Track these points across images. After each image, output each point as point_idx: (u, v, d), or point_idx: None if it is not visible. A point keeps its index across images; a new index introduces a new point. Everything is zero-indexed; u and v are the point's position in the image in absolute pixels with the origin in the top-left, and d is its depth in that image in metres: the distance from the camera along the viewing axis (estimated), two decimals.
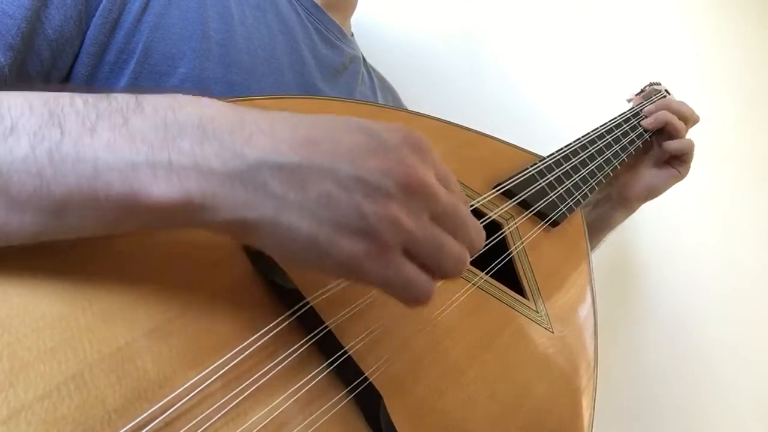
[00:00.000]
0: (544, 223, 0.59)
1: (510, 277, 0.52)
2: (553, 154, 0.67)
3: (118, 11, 0.46)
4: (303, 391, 0.33)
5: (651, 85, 0.92)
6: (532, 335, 0.50)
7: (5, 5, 0.40)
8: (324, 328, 0.35)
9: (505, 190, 0.58)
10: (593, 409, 0.49)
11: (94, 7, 0.45)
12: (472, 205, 0.52)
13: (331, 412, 0.34)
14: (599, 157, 0.72)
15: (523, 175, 0.60)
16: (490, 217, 0.54)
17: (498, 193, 0.57)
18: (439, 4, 1.04)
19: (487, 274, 0.49)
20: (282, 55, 0.57)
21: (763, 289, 1.25)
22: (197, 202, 0.28)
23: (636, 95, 0.92)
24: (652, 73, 0.97)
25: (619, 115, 0.81)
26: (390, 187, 0.30)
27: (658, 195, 0.82)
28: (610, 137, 0.75)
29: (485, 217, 0.53)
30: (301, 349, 0.34)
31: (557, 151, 0.68)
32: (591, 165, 0.69)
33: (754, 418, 1.16)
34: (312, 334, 0.35)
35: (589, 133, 0.74)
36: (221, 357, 0.31)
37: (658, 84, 0.91)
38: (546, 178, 0.62)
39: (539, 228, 0.59)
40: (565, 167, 0.66)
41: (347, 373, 0.35)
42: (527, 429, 0.44)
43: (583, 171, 0.68)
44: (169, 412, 0.28)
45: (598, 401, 0.50)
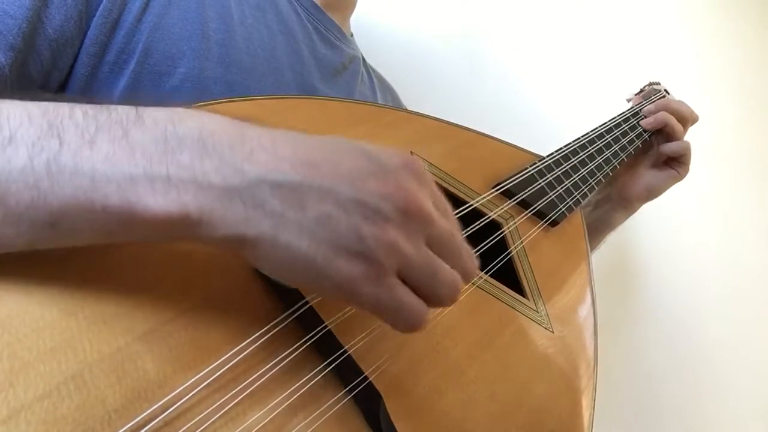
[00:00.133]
0: (544, 223, 0.59)
1: (510, 277, 0.52)
2: (552, 153, 0.67)
3: (118, 11, 0.46)
4: (303, 390, 0.33)
5: (650, 84, 0.92)
6: (532, 335, 0.50)
7: (6, 5, 0.40)
8: (323, 328, 0.35)
9: (504, 189, 0.58)
10: (593, 409, 0.49)
11: (95, 7, 0.45)
12: (471, 205, 0.52)
13: (331, 411, 0.34)
14: (599, 156, 0.72)
15: (522, 175, 0.60)
16: (490, 216, 0.54)
17: (497, 192, 0.57)
18: (439, 4, 1.04)
19: (486, 273, 0.49)
20: (282, 55, 0.57)
21: (763, 289, 1.25)
22: (195, 217, 0.28)
23: (635, 95, 0.92)
24: (652, 73, 0.97)
25: (618, 115, 0.81)
26: (389, 210, 0.30)
27: (658, 195, 0.82)
28: (609, 137, 0.75)
29: (485, 217, 0.53)
30: (301, 348, 0.34)
31: (557, 151, 0.68)
32: (590, 165, 0.69)
33: (754, 418, 1.16)
34: (311, 333, 0.35)
35: (588, 132, 0.74)
36: (221, 357, 0.31)
37: (658, 84, 0.92)
38: (545, 177, 0.62)
39: (539, 227, 0.59)
40: (564, 167, 0.66)
41: (347, 372, 0.35)
42: (527, 429, 0.44)
43: (582, 171, 0.68)
44: (168, 411, 0.28)
45: (598, 401, 0.50)
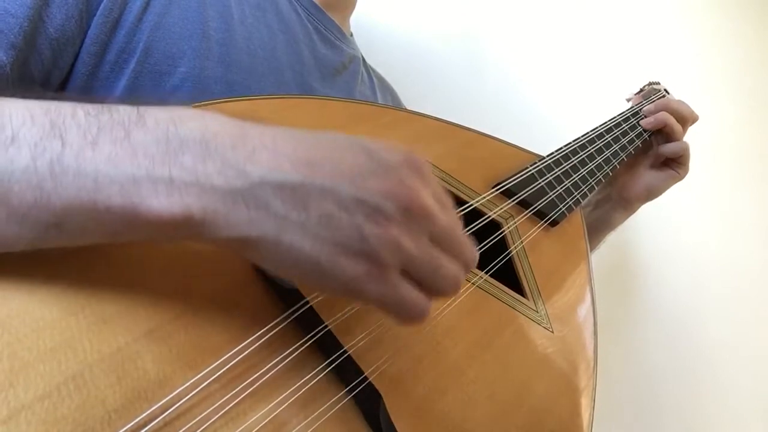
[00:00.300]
0: (544, 223, 0.59)
1: (509, 277, 0.52)
2: (552, 153, 0.67)
3: (119, 10, 0.46)
4: (302, 390, 0.33)
5: (650, 84, 0.92)
6: (532, 335, 0.50)
7: (7, 4, 0.40)
8: (324, 328, 0.35)
9: (504, 189, 0.58)
10: (593, 408, 0.49)
11: (95, 6, 0.45)
12: (471, 205, 0.52)
13: (331, 411, 0.34)
14: (598, 156, 0.72)
15: (522, 175, 0.60)
16: (490, 216, 0.54)
17: (497, 192, 0.57)
18: (439, 4, 1.04)
19: (486, 273, 0.49)
20: (282, 54, 0.57)
21: (763, 288, 1.25)
22: (198, 219, 0.28)
23: (635, 95, 0.92)
24: (652, 73, 0.97)
25: (618, 115, 0.81)
26: (390, 208, 0.30)
27: (657, 195, 0.82)
28: (609, 137, 0.75)
29: (485, 217, 0.53)
30: (301, 348, 0.34)
31: (556, 151, 0.68)
32: (590, 164, 0.69)
33: (754, 418, 1.16)
34: (311, 333, 0.35)
35: (588, 132, 0.74)
36: (221, 357, 0.31)
37: (658, 83, 0.92)
38: (545, 177, 0.62)
39: (539, 227, 0.59)
40: (564, 166, 0.66)
41: (347, 372, 0.35)
42: (527, 429, 0.44)
43: (582, 170, 0.68)
44: (168, 411, 0.28)
45: (598, 401, 0.50)
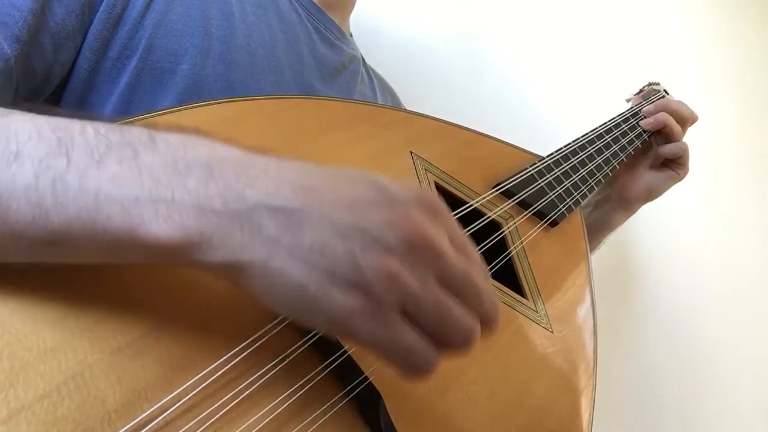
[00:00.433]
0: (544, 223, 0.59)
1: (509, 277, 0.53)
2: (552, 154, 0.67)
3: (121, 7, 0.46)
4: (303, 391, 0.33)
5: (650, 85, 0.92)
6: (532, 335, 0.50)
7: None
8: None
9: (504, 189, 0.58)
10: (593, 408, 0.49)
11: (98, 2, 0.45)
12: (471, 205, 0.52)
13: (331, 412, 0.34)
14: (598, 157, 0.72)
15: (522, 175, 0.60)
16: (490, 216, 0.54)
17: (497, 192, 0.57)
18: (439, 4, 1.04)
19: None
20: (282, 53, 0.57)
21: (763, 288, 1.25)
22: (195, 241, 0.27)
23: (635, 95, 0.92)
24: (652, 73, 0.97)
25: (618, 115, 0.81)
26: (391, 240, 0.27)
27: (657, 196, 0.82)
28: (609, 137, 0.75)
29: (484, 217, 0.53)
30: (301, 348, 0.34)
31: (556, 151, 0.68)
32: (590, 165, 0.69)
33: (755, 418, 1.16)
34: (311, 334, 0.35)
35: (588, 133, 0.74)
36: (221, 357, 0.31)
37: (657, 84, 0.92)
38: (545, 177, 0.62)
39: (538, 228, 0.59)
40: (564, 167, 0.66)
41: (347, 372, 0.35)
42: (527, 429, 0.44)
43: (582, 171, 0.68)
44: (168, 411, 0.28)
45: (598, 401, 0.50)
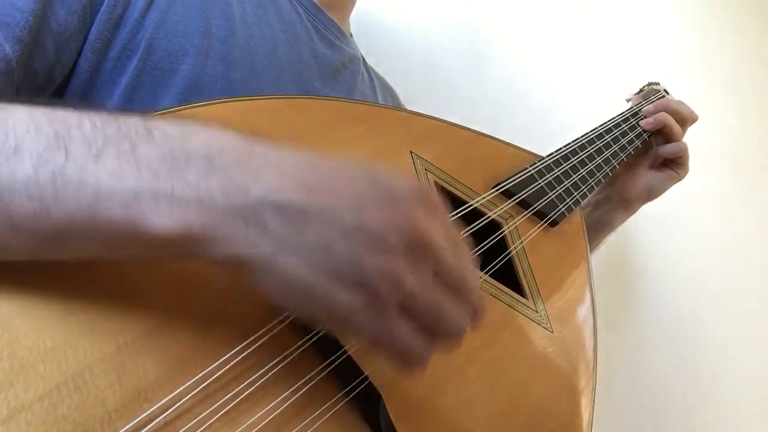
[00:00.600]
0: (544, 223, 0.59)
1: (509, 277, 0.53)
2: (552, 153, 0.67)
3: (122, 7, 0.47)
4: (302, 391, 0.33)
5: (650, 84, 0.92)
6: (532, 335, 0.50)
7: None
8: (323, 328, 0.35)
9: (504, 189, 0.58)
10: (593, 408, 0.49)
11: (99, 2, 0.45)
12: (471, 205, 0.52)
13: (331, 412, 0.34)
14: (598, 156, 0.72)
15: (522, 175, 0.60)
16: (490, 216, 0.54)
17: (497, 192, 0.57)
18: (439, 4, 1.04)
19: (486, 273, 0.49)
20: (282, 53, 0.57)
21: (763, 288, 1.24)
22: (197, 235, 0.27)
23: (635, 95, 0.92)
24: (652, 73, 0.97)
25: (618, 115, 0.81)
26: (393, 241, 0.28)
27: (657, 196, 0.82)
28: (609, 137, 0.75)
29: (484, 217, 0.53)
30: (301, 349, 0.34)
31: (556, 151, 0.68)
32: (590, 165, 0.69)
33: (755, 418, 1.16)
34: (311, 334, 0.35)
35: (588, 132, 0.74)
36: (221, 356, 0.31)
37: (657, 84, 0.91)
38: (545, 177, 0.62)
39: (538, 227, 0.59)
40: (564, 167, 0.66)
41: (346, 373, 0.35)
42: (527, 429, 0.44)
43: (582, 171, 0.68)
44: (168, 411, 0.28)
45: (597, 401, 0.50)
